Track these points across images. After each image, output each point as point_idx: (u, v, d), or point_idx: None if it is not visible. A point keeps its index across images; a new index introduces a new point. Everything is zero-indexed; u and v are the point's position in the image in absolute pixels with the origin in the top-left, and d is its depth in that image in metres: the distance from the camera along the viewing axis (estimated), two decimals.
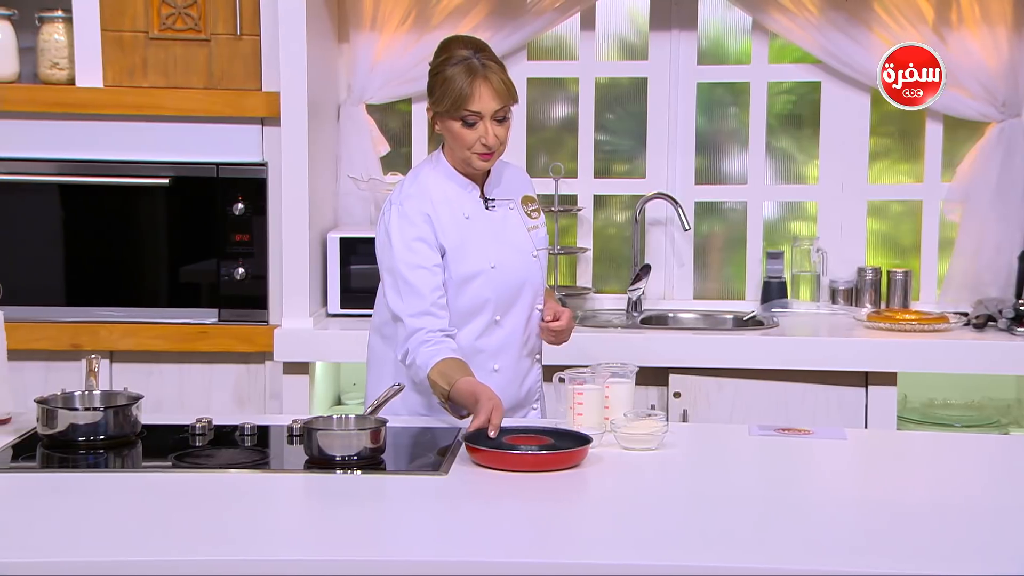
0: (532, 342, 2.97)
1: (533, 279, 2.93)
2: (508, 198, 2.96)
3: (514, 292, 2.90)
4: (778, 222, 4.42)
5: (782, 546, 2.10)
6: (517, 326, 2.92)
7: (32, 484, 2.42)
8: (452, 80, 2.76)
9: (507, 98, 2.79)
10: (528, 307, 2.94)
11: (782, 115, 4.39)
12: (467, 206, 2.89)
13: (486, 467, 2.47)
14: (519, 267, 2.91)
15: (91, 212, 3.89)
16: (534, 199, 3.02)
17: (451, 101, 2.76)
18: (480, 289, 2.86)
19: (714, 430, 3.06)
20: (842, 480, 2.57)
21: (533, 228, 2.97)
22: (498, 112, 2.78)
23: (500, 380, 2.88)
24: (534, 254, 2.94)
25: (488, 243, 2.88)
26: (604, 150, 4.41)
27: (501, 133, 2.81)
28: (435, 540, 2.13)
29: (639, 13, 4.33)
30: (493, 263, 2.87)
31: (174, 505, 2.29)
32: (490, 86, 2.76)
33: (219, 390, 3.86)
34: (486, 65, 2.78)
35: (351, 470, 2.45)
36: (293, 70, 3.77)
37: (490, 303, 2.88)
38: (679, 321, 4.22)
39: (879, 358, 3.72)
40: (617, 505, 2.34)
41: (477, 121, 2.78)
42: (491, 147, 2.80)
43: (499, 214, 2.93)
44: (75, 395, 2.72)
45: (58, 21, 3.86)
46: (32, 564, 2.00)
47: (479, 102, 2.75)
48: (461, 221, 2.87)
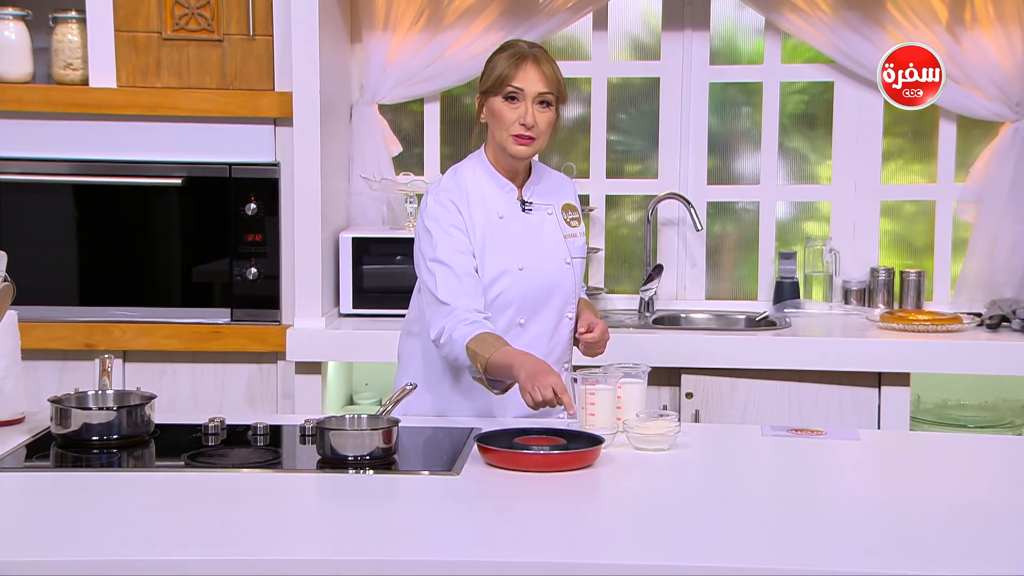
0: (560, 351, 2.94)
1: (564, 286, 2.91)
2: (547, 203, 2.95)
3: (541, 297, 2.89)
4: (791, 222, 4.41)
5: (795, 546, 2.10)
6: (543, 332, 2.90)
7: (46, 483, 2.43)
8: (500, 61, 2.83)
9: (553, 85, 2.81)
10: (556, 314, 2.92)
11: (795, 115, 4.38)
12: (502, 206, 2.89)
13: (498, 467, 2.47)
14: (549, 272, 2.90)
15: (105, 212, 3.91)
16: (576, 208, 3.01)
17: (496, 77, 2.81)
18: (505, 289, 2.85)
19: (727, 431, 3.06)
20: (855, 481, 2.56)
21: (571, 236, 2.95)
22: (542, 95, 2.80)
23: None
24: (568, 261, 2.92)
25: (519, 245, 2.87)
26: (616, 150, 4.40)
27: (542, 119, 2.81)
28: (447, 540, 2.14)
29: (652, 13, 4.32)
30: (521, 265, 2.86)
31: (187, 505, 2.29)
32: (538, 68, 2.80)
33: (232, 390, 3.87)
34: (536, 54, 2.82)
35: (363, 470, 2.46)
36: (306, 70, 3.77)
37: (514, 305, 2.87)
38: (691, 321, 4.22)
39: (892, 359, 3.72)
40: (629, 505, 2.34)
41: (519, 98, 2.79)
42: (529, 128, 2.79)
43: (535, 218, 2.92)
44: (89, 395, 2.73)
45: (72, 22, 3.87)
46: (46, 563, 2.01)
47: (523, 79, 2.79)
48: (494, 220, 2.87)
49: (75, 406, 2.66)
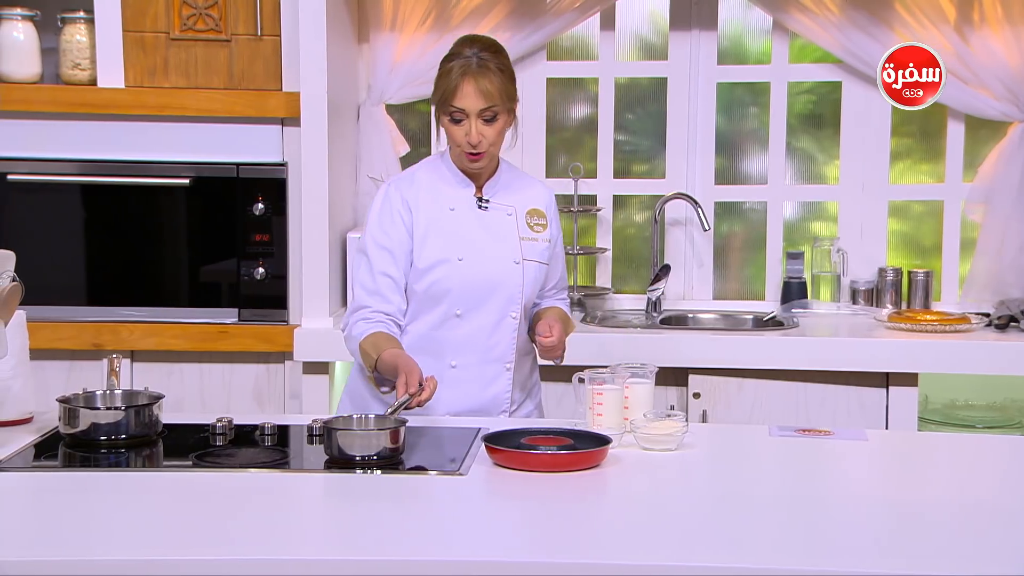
0: (500, 349, 2.94)
1: (509, 286, 2.92)
2: (508, 204, 2.97)
3: (481, 291, 2.90)
4: (798, 222, 4.41)
5: (803, 547, 2.10)
6: (481, 327, 2.91)
7: (53, 483, 2.43)
8: (445, 76, 2.83)
9: (494, 99, 2.81)
10: (498, 312, 2.92)
11: (802, 115, 4.38)
12: (457, 200, 2.93)
13: (505, 467, 2.47)
14: (492, 268, 2.91)
15: (112, 212, 3.91)
16: (543, 215, 3.01)
17: (440, 95, 2.84)
18: (441, 278, 2.88)
19: (734, 431, 3.05)
20: (863, 481, 2.56)
21: (529, 239, 2.96)
22: (484, 112, 2.81)
23: (458, 378, 2.89)
24: (517, 261, 2.93)
25: (465, 236, 2.90)
26: (624, 150, 4.40)
27: (489, 133, 2.83)
28: (454, 540, 2.14)
29: (659, 13, 4.32)
30: (461, 256, 2.89)
31: (194, 504, 2.29)
32: (476, 85, 2.80)
33: (239, 390, 3.87)
34: (483, 65, 2.81)
35: (371, 470, 2.46)
36: (313, 70, 3.78)
37: (451, 294, 2.89)
38: (699, 321, 4.21)
39: (900, 359, 3.71)
40: (636, 506, 2.34)
41: (463, 118, 2.82)
42: (474, 145, 2.83)
43: (492, 215, 2.94)
44: (97, 394, 2.73)
45: (80, 22, 3.88)
46: (53, 563, 2.01)
47: (463, 99, 2.80)
48: (444, 211, 2.91)
49: (83, 406, 2.66)
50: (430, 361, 2.84)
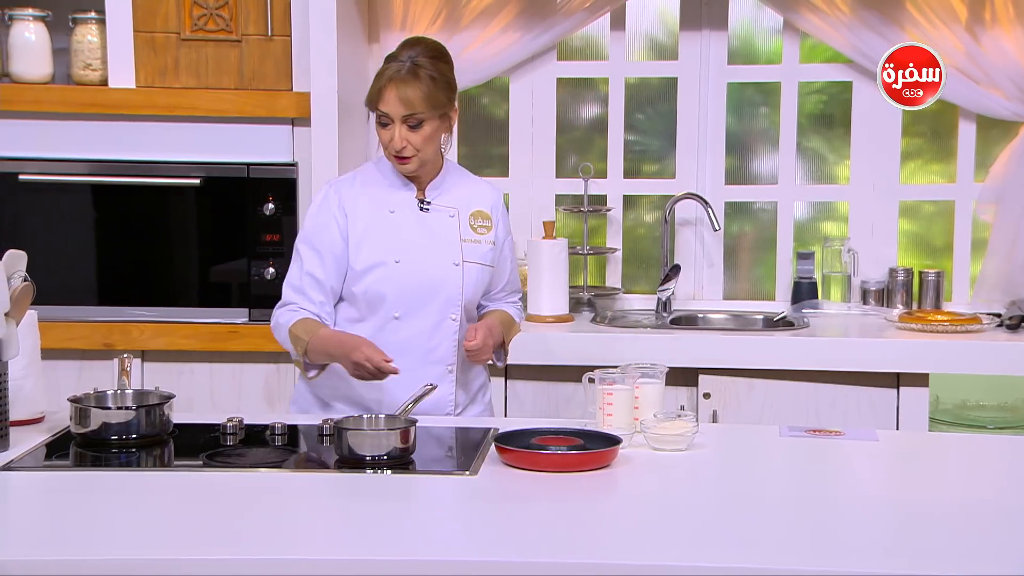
0: (441, 351, 2.94)
1: (448, 288, 2.92)
2: (451, 206, 2.97)
3: (419, 294, 2.90)
4: (809, 222, 4.40)
5: (812, 547, 2.09)
6: (421, 329, 2.92)
7: (65, 482, 2.44)
8: (376, 79, 2.86)
9: (415, 107, 2.81)
10: (437, 314, 2.93)
11: (813, 115, 4.37)
12: (397, 202, 2.94)
13: (516, 467, 2.47)
14: (430, 271, 2.91)
15: (123, 212, 3.92)
16: (488, 216, 3.00)
17: (368, 98, 2.87)
18: (379, 280, 2.89)
19: (744, 431, 3.05)
20: (873, 481, 2.55)
21: (472, 241, 2.96)
22: (408, 118, 2.82)
23: (398, 381, 2.87)
24: (456, 263, 2.92)
25: (403, 239, 2.91)
26: (634, 150, 4.40)
27: (414, 139, 2.84)
28: (465, 540, 2.14)
29: (669, 13, 4.32)
30: (398, 258, 2.90)
31: (205, 504, 2.30)
32: (398, 92, 2.81)
33: (249, 390, 3.88)
34: (413, 72, 2.82)
35: (381, 470, 2.46)
36: (324, 71, 3.78)
37: (388, 297, 2.90)
38: (709, 322, 4.21)
39: (911, 359, 3.70)
40: (647, 506, 2.34)
41: (389, 122, 2.84)
42: (399, 150, 2.84)
43: (433, 217, 2.94)
44: (108, 394, 2.74)
45: (91, 22, 3.88)
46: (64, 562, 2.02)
47: (386, 104, 2.83)
48: (383, 214, 2.92)
49: (94, 405, 2.67)
50: None
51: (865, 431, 2.89)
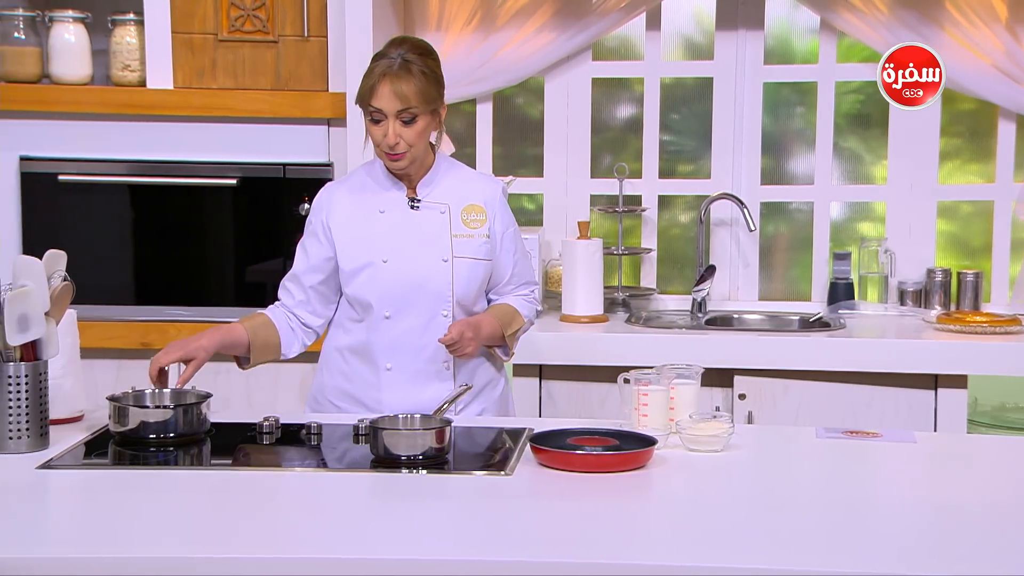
0: (434, 348, 2.91)
1: (436, 284, 2.90)
2: (442, 202, 2.95)
3: (406, 292, 2.89)
4: (845, 223, 4.38)
5: (849, 550, 2.08)
6: (412, 327, 2.90)
7: (103, 480, 2.45)
8: (367, 76, 2.85)
9: (410, 102, 2.80)
10: (427, 311, 2.91)
11: (850, 115, 4.34)
12: (388, 202, 2.94)
13: (551, 467, 2.47)
14: (417, 268, 2.90)
15: (160, 212, 3.95)
16: (482, 210, 2.97)
17: (360, 95, 2.86)
18: (367, 281, 2.90)
19: (780, 432, 3.04)
20: (911, 483, 2.53)
21: (464, 236, 2.93)
22: (401, 113, 2.81)
23: (394, 380, 2.89)
24: (445, 259, 2.91)
25: (391, 238, 2.90)
26: (669, 150, 4.39)
27: (407, 134, 2.83)
28: (500, 540, 2.14)
29: (705, 13, 4.30)
30: (386, 257, 2.89)
31: (241, 503, 2.31)
32: (393, 86, 2.80)
33: (285, 389, 3.89)
34: (405, 67, 2.81)
35: (416, 470, 2.46)
36: (359, 71, 3.75)
37: (377, 297, 2.89)
38: (744, 322, 4.19)
39: (949, 360, 3.67)
40: (682, 507, 2.33)
41: (382, 119, 2.83)
42: (392, 146, 2.83)
43: (423, 215, 2.93)
44: (146, 393, 2.76)
45: (130, 24, 3.92)
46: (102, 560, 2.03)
47: (380, 100, 2.82)
48: (373, 214, 2.92)
49: (133, 404, 2.69)
50: (366, 365, 2.92)
51: (903, 433, 2.86)
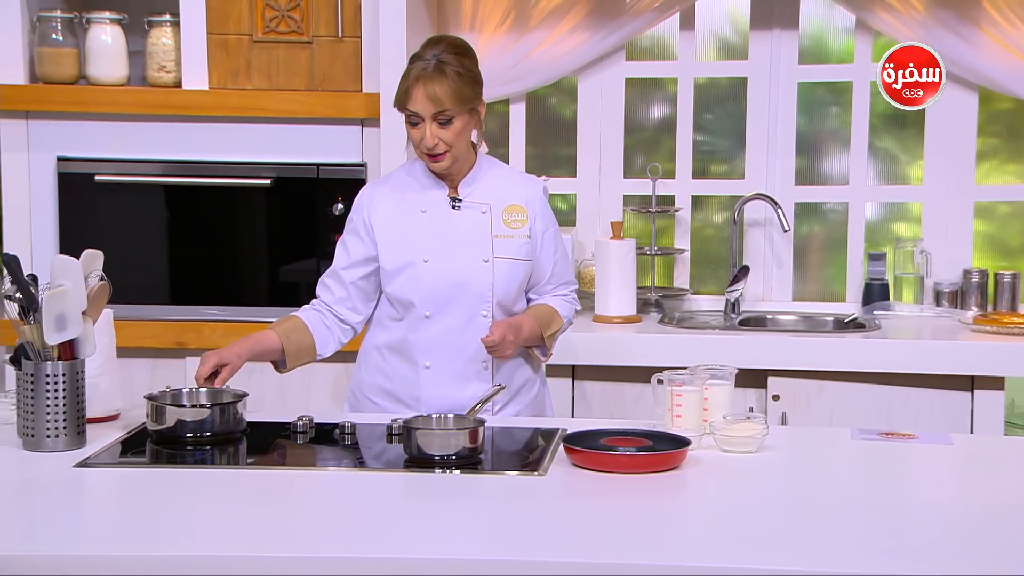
0: (474, 348, 2.92)
1: (476, 284, 2.91)
2: (483, 202, 2.95)
3: (447, 292, 2.90)
4: (880, 223, 4.35)
5: (884, 551, 2.07)
6: (452, 327, 2.91)
7: (140, 479, 2.47)
8: (403, 79, 2.87)
9: (444, 104, 2.81)
10: (467, 311, 2.92)
11: (885, 115, 4.32)
12: (429, 201, 2.95)
13: (584, 468, 2.47)
14: (458, 268, 2.91)
15: (195, 212, 3.97)
16: (523, 210, 2.97)
17: (396, 99, 2.88)
18: (408, 280, 2.91)
19: (815, 433, 3.02)
20: (947, 485, 2.51)
21: (505, 236, 2.94)
22: (437, 115, 2.82)
23: (433, 378, 2.91)
24: (486, 259, 2.92)
25: (432, 238, 2.91)
26: (702, 150, 4.37)
27: (445, 135, 2.84)
28: (533, 540, 2.14)
29: (739, 12, 4.29)
30: (427, 257, 2.90)
31: (275, 502, 2.32)
32: (425, 90, 2.81)
33: (318, 389, 3.90)
34: (439, 68, 2.82)
35: (450, 469, 2.47)
36: (393, 71, 3.77)
37: (417, 297, 2.90)
38: (778, 323, 4.17)
39: (986, 362, 3.64)
40: (716, 507, 2.32)
41: (419, 121, 2.85)
42: (430, 148, 2.84)
43: (464, 214, 2.94)
44: (183, 392, 2.77)
45: (166, 25, 3.94)
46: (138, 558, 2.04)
47: (415, 103, 2.84)
48: (415, 214, 2.93)
49: (170, 404, 2.70)
50: (405, 363, 2.92)
51: (939, 435, 2.84)
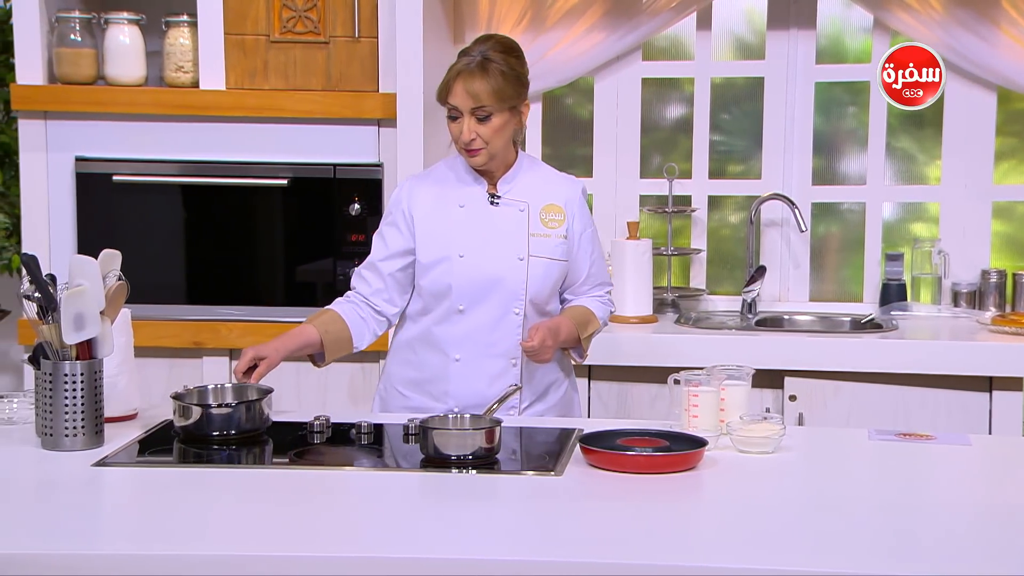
0: (505, 345, 2.93)
1: (511, 282, 2.92)
2: (522, 200, 2.96)
3: (481, 287, 2.91)
4: (897, 223, 4.34)
5: (901, 552, 2.06)
6: (484, 323, 2.92)
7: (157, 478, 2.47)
8: (447, 72, 2.89)
9: (482, 101, 2.83)
10: (500, 308, 2.93)
11: (903, 115, 4.30)
12: (468, 197, 2.96)
13: (600, 468, 2.47)
14: (493, 265, 2.92)
15: (212, 212, 3.98)
16: (561, 210, 2.98)
17: (438, 92, 2.90)
18: (443, 274, 2.92)
19: (832, 434, 3.01)
20: (965, 486, 2.50)
21: (542, 235, 2.95)
22: (476, 111, 2.84)
23: (462, 371, 2.92)
24: (521, 257, 2.92)
25: (469, 233, 2.92)
26: (719, 150, 4.37)
27: (483, 131, 2.85)
28: (549, 540, 2.14)
29: (756, 12, 4.28)
30: (462, 252, 2.91)
31: (292, 502, 2.32)
32: (465, 86, 2.83)
33: (334, 389, 3.91)
34: (483, 65, 2.84)
35: (466, 469, 2.47)
36: (409, 71, 3.80)
37: (452, 290, 2.91)
38: (795, 323, 4.16)
39: (1004, 363, 3.63)
40: (732, 508, 2.32)
41: (458, 116, 2.86)
42: (467, 143, 2.86)
43: (502, 211, 2.95)
44: (208, 390, 2.78)
45: (183, 25, 3.95)
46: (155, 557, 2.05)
47: (454, 97, 2.86)
48: (452, 208, 2.95)
49: (196, 402, 2.71)
50: (436, 355, 2.94)
51: (957, 435, 2.83)
